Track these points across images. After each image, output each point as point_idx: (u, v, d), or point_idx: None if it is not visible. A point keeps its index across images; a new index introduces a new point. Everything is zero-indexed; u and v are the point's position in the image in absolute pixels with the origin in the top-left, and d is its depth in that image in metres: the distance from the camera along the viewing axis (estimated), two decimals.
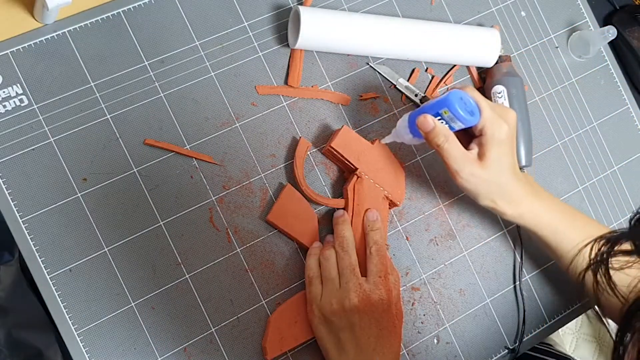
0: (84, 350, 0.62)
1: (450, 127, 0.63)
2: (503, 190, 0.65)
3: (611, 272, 0.48)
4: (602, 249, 0.49)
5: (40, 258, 0.62)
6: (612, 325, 1.29)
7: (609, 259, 0.48)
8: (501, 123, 0.63)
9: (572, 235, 0.68)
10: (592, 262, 0.49)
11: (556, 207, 0.68)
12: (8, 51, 0.64)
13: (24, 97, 0.64)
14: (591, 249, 0.49)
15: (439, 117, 0.63)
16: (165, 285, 0.65)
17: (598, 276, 0.49)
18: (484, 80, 0.79)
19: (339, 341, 0.63)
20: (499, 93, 0.76)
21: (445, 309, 0.74)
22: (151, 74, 0.68)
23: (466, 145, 0.65)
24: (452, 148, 0.63)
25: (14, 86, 0.64)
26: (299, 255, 0.70)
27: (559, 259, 0.70)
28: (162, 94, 0.68)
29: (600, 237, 0.49)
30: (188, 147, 0.68)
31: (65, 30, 0.66)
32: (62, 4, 0.61)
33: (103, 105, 0.66)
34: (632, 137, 0.85)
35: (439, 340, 0.73)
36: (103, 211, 0.64)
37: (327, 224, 0.71)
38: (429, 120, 0.63)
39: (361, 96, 0.74)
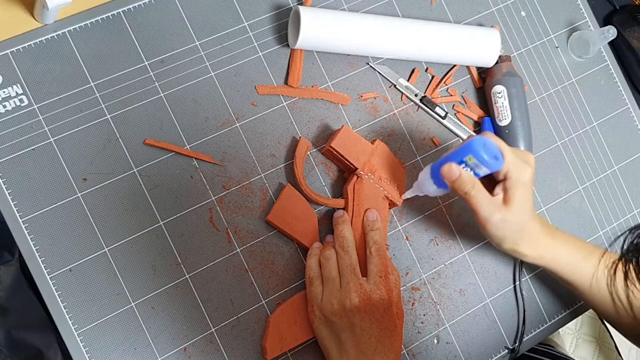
0: (84, 350, 0.62)
1: (475, 174, 0.63)
2: (524, 233, 0.65)
3: None
4: (636, 240, 0.49)
5: (40, 258, 0.62)
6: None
7: None
8: (525, 166, 0.63)
9: (591, 270, 0.68)
10: (624, 252, 0.49)
11: (573, 245, 0.68)
12: (8, 51, 0.64)
13: (24, 97, 0.64)
14: (624, 240, 0.49)
15: (463, 165, 0.63)
16: (165, 285, 0.65)
17: (629, 269, 0.48)
18: (484, 80, 0.79)
19: (340, 341, 0.63)
20: (499, 93, 0.76)
21: (445, 309, 0.74)
22: (151, 74, 0.68)
23: (489, 191, 0.65)
24: (479, 195, 0.63)
25: (14, 86, 0.64)
26: (299, 255, 0.70)
27: (580, 295, 0.70)
28: (162, 94, 0.68)
29: (635, 227, 0.49)
30: (188, 147, 0.68)
31: (65, 30, 0.66)
32: (62, 4, 0.61)
33: (103, 105, 0.66)
34: (632, 137, 0.85)
35: (439, 340, 0.73)
36: (103, 211, 0.64)
37: (327, 224, 0.71)
38: (454, 169, 0.63)
39: (361, 96, 0.74)
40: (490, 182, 0.66)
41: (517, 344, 0.75)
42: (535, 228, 0.66)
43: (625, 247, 0.49)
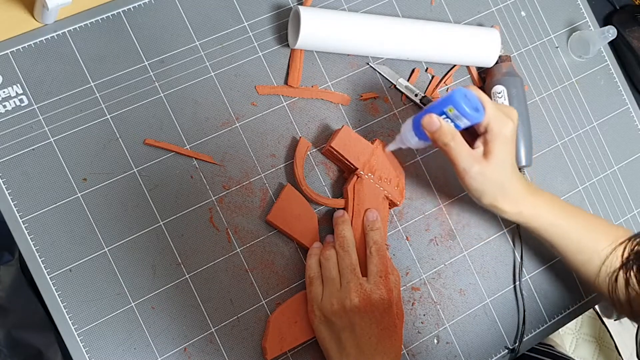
0: (84, 350, 0.62)
1: (456, 126, 0.63)
2: (505, 188, 0.65)
3: None
4: (636, 248, 0.49)
5: (40, 258, 0.62)
6: (612, 326, 1.29)
7: None
8: (506, 120, 0.63)
9: (572, 230, 0.68)
10: (624, 261, 0.49)
11: (554, 204, 0.69)
12: (8, 51, 0.64)
13: (24, 97, 0.64)
14: (624, 249, 0.50)
15: (444, 116, 0.63)
16: (165, 285, 0.65)
17: (630, 276, 0.49)
18: (484, 80, 0.79)
19: (340, 341, 0.63)
20: (499, 93, 0.76)
21: (445, 309, 0.74)
22: (151, 74, 0.68)
23: (470, 145, 0.65)
24: (459, 146, 0.63)
25: (14, 86, 0.64)
26: (299, 255, 0.70)
27: (560, 254, 0.70)
28: (162, 94, 0.68)
29: (635, 235, 0.50)
30: (188, 147, 0.68)
31: (65, 30, 0.66)
32: (62, 4, 0.61)
33: (103, 105, 0.66)
34: (632, 137, 0.85)
35: (439, 340, 0.73)
36: (103, 211, 0.64)
37: (327, 224, 0.71)
38: (434, 120, 0.63)
39: (361, 96, 0.74)
40: (473, 136, 0.65)
41: (517, 344, 0.75)
42: (515, 184, 0.66)
43: (625, 255, 0.49)
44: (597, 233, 0.68)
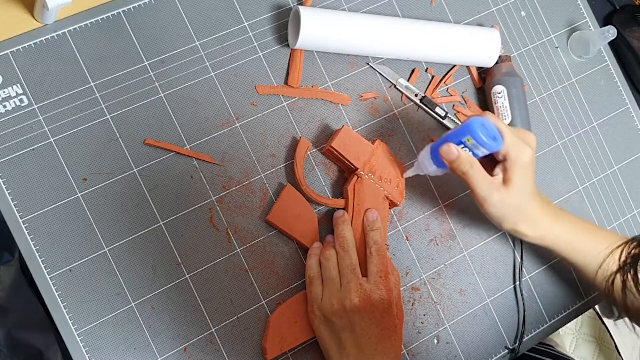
0: (84, 350, 0.62)
1: (474, 155, 0.64)
2: (525, 213, 0.65)
3: None
4: (633, 251, 0.49)
5: (40, 258, 0.62)
6: (612, 326, 1.29)
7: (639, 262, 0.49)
8: (524, 146, 0.64)
9: (593, 251, 0.68)
10: (621, 264, 0.50)
11: (575, 225, 0.69)
12: (8, 51, 0.64)
13: (24, 97, 0.64)
14: (621, 252, 0.50)
15: (462, 146, 0.63)
16: (165, 285, 0.65)
17: (627, 278, 0.49)
18: (484, 80, 0.79)
19: (340, 341, 0.63)
20: (499, 93, 0.76)
21: (445, 309, 0.74)
22: (151, 74, 0.68)
23: (489, 173, 0.65)
24: (477, 175, 0.63)
25: (14, 86, 0.64)
26: (299, 255, 0.70)
27: (582, 275, 0.70)
28: (162, 94, 0.68)
29: (632, 239, 0.50)
30: (188, 147, 0.68)
31: (65, 30, 0.66)
32: (62, 4, 0.61)
33: (103, 105, 0.66)
34: (632, 137, 0.85)
35: (439, 340, 0.73)
36: (103, 211, 0.64)
37: (327, 224, 0.71)
38: (452, 149, 0.63)
39: (361, 96, 0.74)
40: (492, 162, 0.66)
41: (517, 344, 0.75)
42: (534, 208, 0.66)
43: (622, 258, 0.50)
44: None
